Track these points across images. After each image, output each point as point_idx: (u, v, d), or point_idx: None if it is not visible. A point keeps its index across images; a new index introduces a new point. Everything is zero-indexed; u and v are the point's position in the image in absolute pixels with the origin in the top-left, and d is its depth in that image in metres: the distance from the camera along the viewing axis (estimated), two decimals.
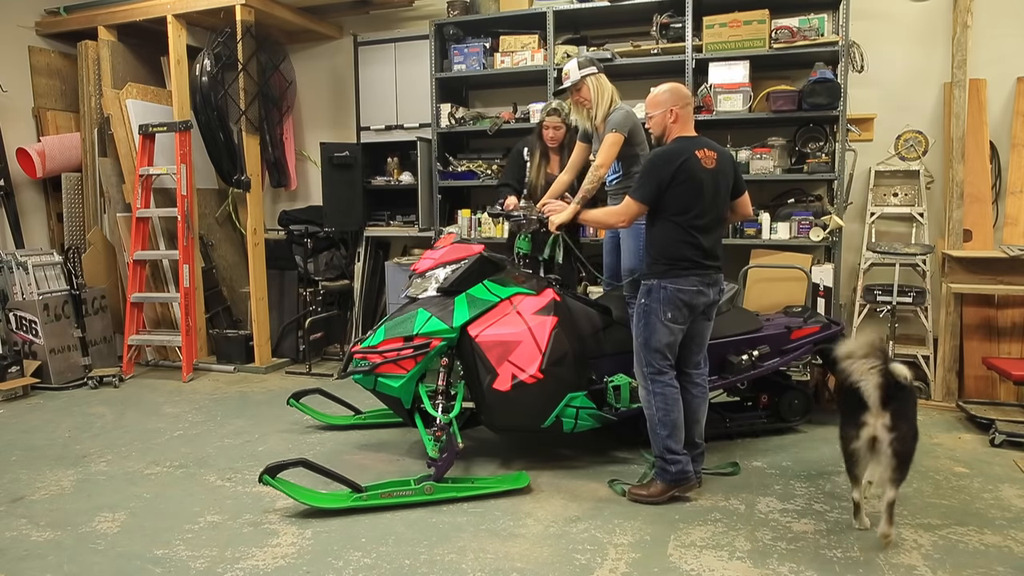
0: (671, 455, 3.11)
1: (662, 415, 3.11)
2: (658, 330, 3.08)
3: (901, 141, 4.81)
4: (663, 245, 3.09)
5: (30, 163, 5.80)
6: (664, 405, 3.11)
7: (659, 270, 3.10)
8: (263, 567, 2.66)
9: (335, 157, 5.49)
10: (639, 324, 3.14)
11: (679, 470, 3.11)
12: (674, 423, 3.11)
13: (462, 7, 5.37)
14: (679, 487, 3.14)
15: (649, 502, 3.13)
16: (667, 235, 3.08)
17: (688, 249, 3.06)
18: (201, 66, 5.46)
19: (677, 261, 3.07)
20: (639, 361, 3.17)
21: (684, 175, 3.02)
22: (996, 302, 4.47)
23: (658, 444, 3.14)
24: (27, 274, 5.22)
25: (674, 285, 3.06)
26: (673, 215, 3.06)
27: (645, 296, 3.13)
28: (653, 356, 3.11)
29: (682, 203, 3.04)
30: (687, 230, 3.05)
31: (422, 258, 3.68)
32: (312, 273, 5.74)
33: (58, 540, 2.90)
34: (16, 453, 3.91)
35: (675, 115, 3.14)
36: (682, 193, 3.03)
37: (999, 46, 4.65)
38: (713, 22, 4.63)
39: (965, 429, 4.02)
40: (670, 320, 3.07)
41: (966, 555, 2.67)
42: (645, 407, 3.17)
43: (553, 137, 4.22)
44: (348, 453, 3.83)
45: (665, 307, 3.07)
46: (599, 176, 3.62)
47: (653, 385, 3.13)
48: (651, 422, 3.15)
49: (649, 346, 3.11)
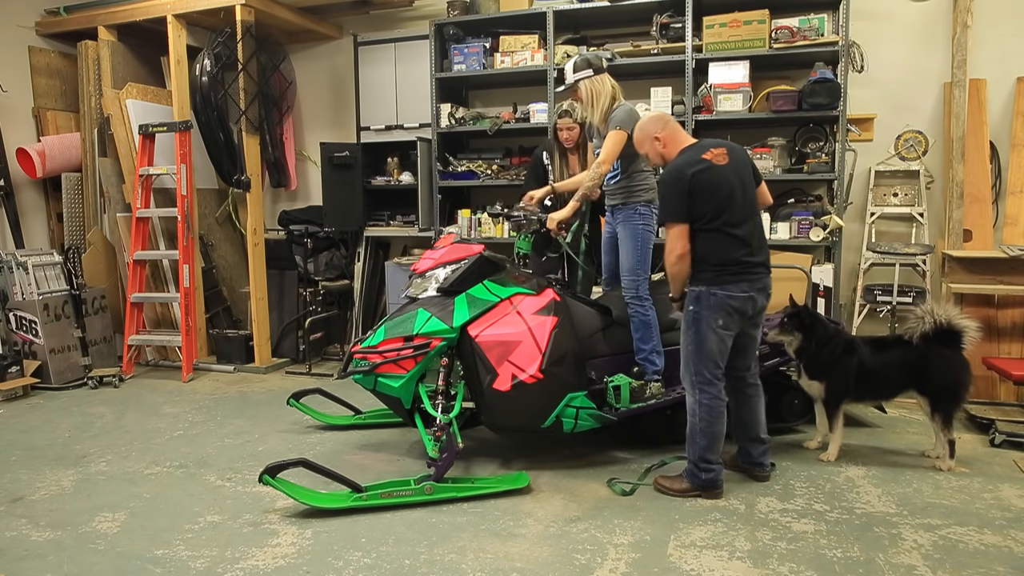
0: (705, 464, 3.13)
1: (704, 425, 3.09)
2: (708, 337, 3.05)
3: (901, 141, 4.81)
4: (707, 254, 3.06)
5: (30, 163, 5.80)
6: (709, 416, 3.08)
7: (707, 277, 3.06)
8: (263, 567, 2.66)
9: (335, 157, 5.49)
10: (688, 332, 3.11)
11: (709, 479, 3.14)
12: (715, 435, 3.10)
13: (462, 7, 5.37)
14: (705, 493, 3.16)
15: (670, 494, 3.18)
16: (708, 244, 3.06)
17: (734, 251, 3.04)
18: (201, 66, 5.46)
19: (726, 266, 3.04)
20: (688, 369, 3.13)
21: (701, 183, 3.01)
22: (996, 302, 4.47)
23: (695, 451, 3.14)
24: (27, 274, 5.22)
25: (723, 292, 3.03)
26: (707, 223, 3.04)
27: (693, 303, 3.09)
28: (705, 364, 3.08)
29: (711, 210, 3.02)
30: (727, 233, 3.04)
31: (422, 258, 3.68)
32: (312, 273, 5.74)
33: (58, 540, 2.90)
34: (16, 453, 3.91)
35: (661, 140, 3.17)
36: (707, 200, 3.01)
37: (999, 46, 4.65)
38: (713, 22, 4.63)
39: (965, 429, 4.02)
40: (721, 327, 3.05)
41: (966, 555, 2.67)
42: (689, 414, 3.15)
43: (568, 138, 4.21)
44: (348, 453, 3.83)
45: (715, 314, 3.04)
46: (600, 173, 3.62)
47: (701, 395, 3.10)
48: (692, 429, 3.14)
49: (700, 353, 3.08)
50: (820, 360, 3.53)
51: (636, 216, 3.68)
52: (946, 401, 3.43)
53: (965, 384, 3.42)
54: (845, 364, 3.50)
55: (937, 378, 3.43)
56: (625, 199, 3.71)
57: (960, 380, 3.41)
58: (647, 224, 3.69)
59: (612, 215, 3.84)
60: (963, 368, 3.42)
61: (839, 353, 3.50)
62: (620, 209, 3.74)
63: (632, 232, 3.67)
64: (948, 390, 3.42)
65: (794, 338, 3.55)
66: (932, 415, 3.46)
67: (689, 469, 3.19)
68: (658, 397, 3.61)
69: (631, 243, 3.66)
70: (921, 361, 3.44)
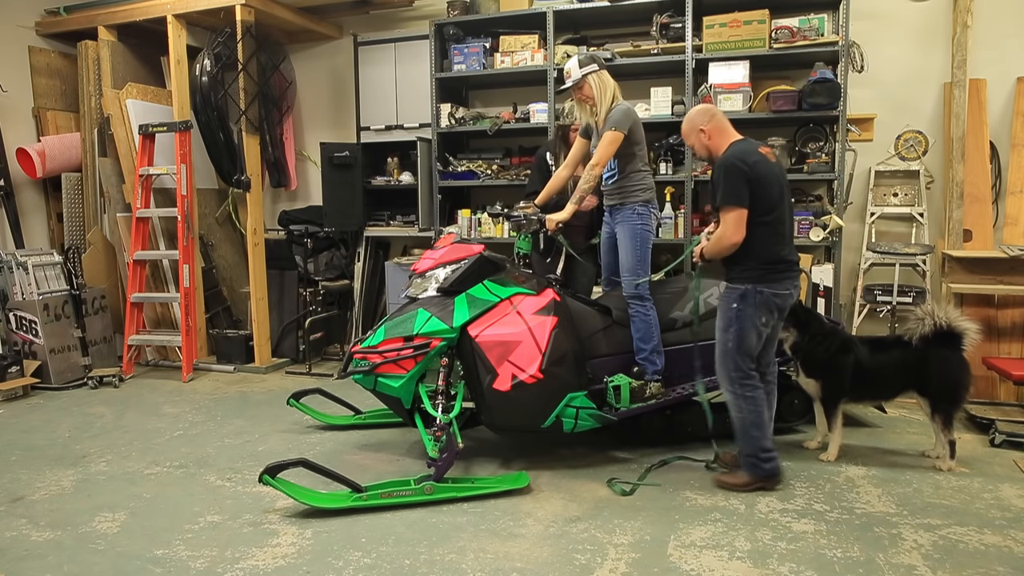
0: (765, 453, 3.20)
1: (754, 417, 3.16)
2: (750, 334, 3.12)
3: (901, 141, 4.81)
4: (757, 250, 3.10)
5: (30, 163, 5.80)
6: (755, 407, 3.15)
7: (754, 275, 3.11)
8: (263, 567, 2.66)
9: (335, 157, 5.49)
10: (729, 329, 3.15)
11: (772, 467, 3.22)
12: (765, 423, 3.19)
13: (462, 7, 5.37)
14: (769, 482, 3.22)
15: (734, 490, 3.23)
16: (760, 240, 3.09)
17: (781, 249, 3.12)
18: (201, 66, 5.46)
19: (774, 264, 3.10)
20: (727, 366, 3.18)
21: (760, 173, 3.06)
22: (996, 302, 4.47)
23: (752, 444, 3.19)
24: (27, 274, 5.22)
25: (771, 289, 3.09)
26: (761, 216, 3.08)
27: (738, 301, 3.13)
28: (744, 360, 3.14)
29: (766, 203, 3.08)
30: (776, 229, 3.10)
31: (422, 258, 3.68)
32: (312, 273, 5.74)
33: (58, 540, 2.90)
34: (16, 453, 3.91)
35: (706, 132, 3.20)
36: (763, 192, 3.07)
37: (999, 46, 4.65)
38: (713, 22, 4.63)
39: (965, 429, 4.02)
40: (763, 324, 3.12)
41: (966, 555, 2.67)
42: (734, 411, 3.20)
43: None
44: (348, 453, 3.83)
45: (760, 311, 3.10)
46: (595, 175, 3.62)
47: (743, 389, 3.16)
48: (742, 424, 3.18)
49: (741, 350, 3.13)
50: (816, 357, 3.54)
51: (634, 216, 3.68)
52: (946, 402, 3.43)
53: (965, 385, 3.43)
54: (842, 362, 3.50)
55: (937, 379, 3.43)
56: (623, 199, 3.71)
57: (960, 381, 3.42)
58: (645, 224, 3.69)
59: (610, 215, 3.84)
60: (963, 369, 3.43)
61: (834, 350, 3.50)
62: (618, 209, 3.74)
63: (631, 232, 3.67)
64: (948, 391, 3.43)
65: (789, 334, 3.55)
66: (932, 416, 3.47)
67: (750, 462, 3.23)
68: (658, 397, 3.61)
69: (630, 243, 3.66)
70: (921, 362, 3.45)
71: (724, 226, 3.10)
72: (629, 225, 3.68)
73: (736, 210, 3.06)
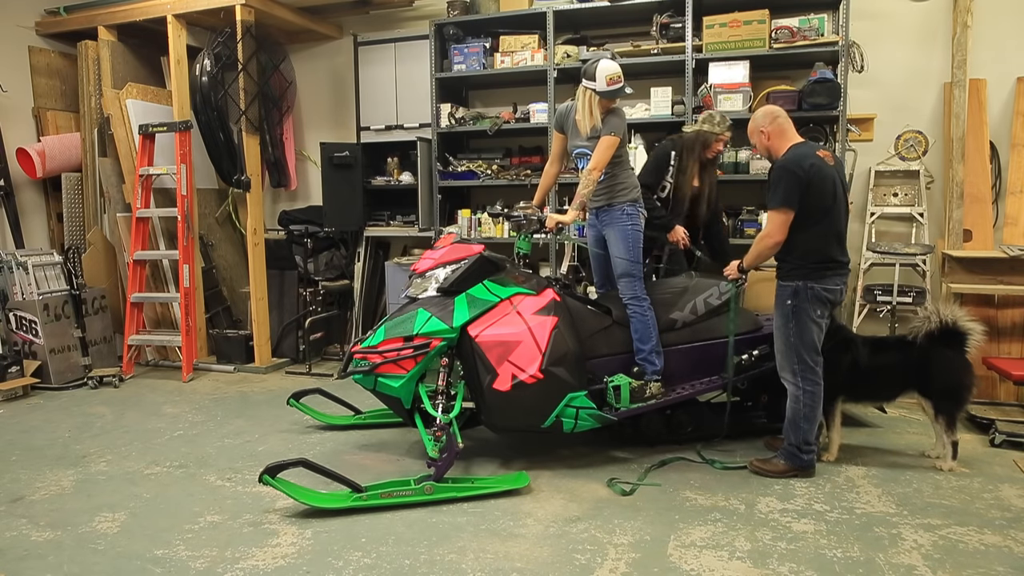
0: (807, 446, 3.34)
1: (808, 411, 3.29)
2: (810, 327, 3.25)
3: (901, 141, 4.81)
4: (809, 250, 3.23)
5: (30, 163, 5.80)
6: (813, 402, 3.29)
7: (804, 272, 3.24)
8: (263, 567, 2.66)
9: (335, 157, 5.49)
10: (789, 326, 3.28)
11: (810, 459, 3.37)
12: (816, 417, 3.33)
13: (462, 7, 5.37)
14: (803, 473, 3.37)
15: (768, 476, 3.37)
16: (811, 239, 3.22)
17: (834, 249, 3.25)
18: (201, 66, 5.46)
19: (825, 263, 3.23)
20: (790, 360, 3.30)
21: (817, 177, 3.16)
22: (996, 302, 4.47)
23: (799, 435, 3.33)
24: (27, 274, 5.22)
25: (820, 285, 3.23)
26: (816, 219, 3.19)
27: (792, 298, 3.26)
28: (809, 353, 3.27)
29: (822, 204, 3.19)
30: (830, 232, 3.22)
31: (422, 258, 3.67)
32: (312, 273, 5.74)
33: (58, 540, 2.90)
34: (16, 453, 3.91)
35: (767, 133, 3.33)
36: (818, 195, 3.18)
37: (999, 46, 4.65)
38: (713, 22, 4.63)
39: (965, 429, 4.02)
40: (819, 316, 3.27)
41: (966, 555, 2.67)
42: (792, 402, 3.34)
43: (718, 151, 4.15)
44: (348, 453, 3.83)
45: (813, 305, 3.24)
46: (594, 179, 3.55)
47: (804, 382, 3.29)
48: (795, 415, 3.32)
49: (804, 344, 3.27)
50: None
51: (623, 216, 3.67)
52: (950, 403, 3.43)
53: (968, 386, 3.43)
54: (839, 359, 3.49)
55: (940, 380, 3.43)
56: (610, 199, 3.70)
57: (963, 382, 3.42)
58: (635, 223, 3.68)
59: (597, 217, 3.82)
60: (966, 369, 3.43)
61: (831, 346, 3.46)
62: (605, 211, 3.73)
63: (621, 234, 3.66)
64: (951, 392, 3.42)
65: None
66: (935, 417, 3.47)
67: (790, 452, 3.37)
68: (658, 397, 3.61)
69: (622, 245, 3.65)
70: (924, 362, 3.45)
71: (769, 225, 3.26)
72: (620, 227, 3.67)
73: (784, 213, 3.19)
